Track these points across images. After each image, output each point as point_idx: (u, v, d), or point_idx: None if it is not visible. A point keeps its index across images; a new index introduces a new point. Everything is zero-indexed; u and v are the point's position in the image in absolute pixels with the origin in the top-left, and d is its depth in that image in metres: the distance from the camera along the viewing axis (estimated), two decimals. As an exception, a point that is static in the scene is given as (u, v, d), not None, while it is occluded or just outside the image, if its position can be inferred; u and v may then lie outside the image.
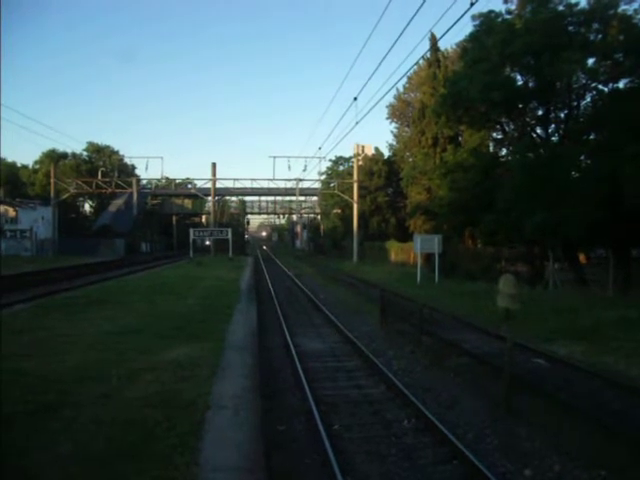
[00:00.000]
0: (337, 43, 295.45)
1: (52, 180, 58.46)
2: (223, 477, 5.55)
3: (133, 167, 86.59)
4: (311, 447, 7.62)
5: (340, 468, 6.58)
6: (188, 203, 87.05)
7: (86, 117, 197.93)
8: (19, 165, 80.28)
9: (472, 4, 12.50)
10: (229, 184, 61.12)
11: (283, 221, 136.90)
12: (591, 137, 27.39)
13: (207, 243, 60.75)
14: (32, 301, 19.27)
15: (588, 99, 27.62)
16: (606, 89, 26.60)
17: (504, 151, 35.85)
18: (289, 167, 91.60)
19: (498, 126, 32.77)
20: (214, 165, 57.30)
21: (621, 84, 25.72)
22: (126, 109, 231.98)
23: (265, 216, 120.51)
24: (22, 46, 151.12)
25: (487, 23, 27.61)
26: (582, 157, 27.40)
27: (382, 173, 61.36)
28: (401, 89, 57.76)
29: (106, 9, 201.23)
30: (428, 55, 42.20)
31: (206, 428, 6.78)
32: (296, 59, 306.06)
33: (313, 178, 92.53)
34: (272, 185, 60.21)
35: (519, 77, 28.10)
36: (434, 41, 35.37)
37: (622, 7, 25.07)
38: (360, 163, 60.65)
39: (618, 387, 10.14)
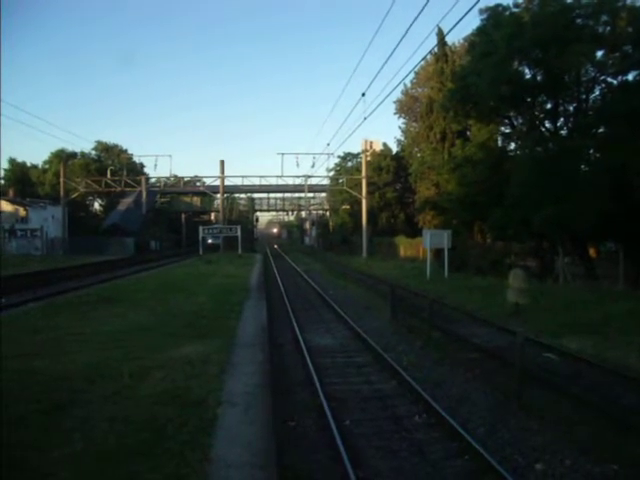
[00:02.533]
0: (344, 39, 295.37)
1: (62, 179, 58.72)
2: (235, 473, 5.57)
3: (142, 165, 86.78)
4: (322, 443, 7.64)
5: (351, 463, 6.60)
6: (197, 201, 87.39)
7: (95, 116, 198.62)
8: (29, 165, 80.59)
9: (479, -2, 12.41)
10: (238, 181, 61.23)
11: (292, 218, 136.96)
12: (600, 130, 27.20)
13: (209, 241, 60.38)
14: (43, 300, 19.40)
15: (597, 92, 27.42)
16: (615, 82, 26.40)
17: (512, 145, 35.70)
18: (297, 164, 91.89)
19: (506, 120, 32.58)
20: (222, 162, 57.38)
21: (630, 76, 25.51)
22: (134, 108, 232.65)
23: (274, 213, 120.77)
24: (30, 46, 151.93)
25: (494, 17, 27.47)
26: (591, 150, 27.23)
27: (390, 169, 61.25)
28: (409, 84, 57.68)
29: (113, 7, 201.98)
30: (435, 50, 42.05)
31: (217, 425, 6.81)
32: (304, 56, 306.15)
33: (321, 174, 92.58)
34: (281, 182, 60.16)
35: (527, 71, 27.93)
36: (441, 36, 35.25)
37: (631, -2, 24.90)
38: (368, 159, 60.57)
39: (629, 381, 10.10)
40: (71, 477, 5.27)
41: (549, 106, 28.97)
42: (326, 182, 71.06)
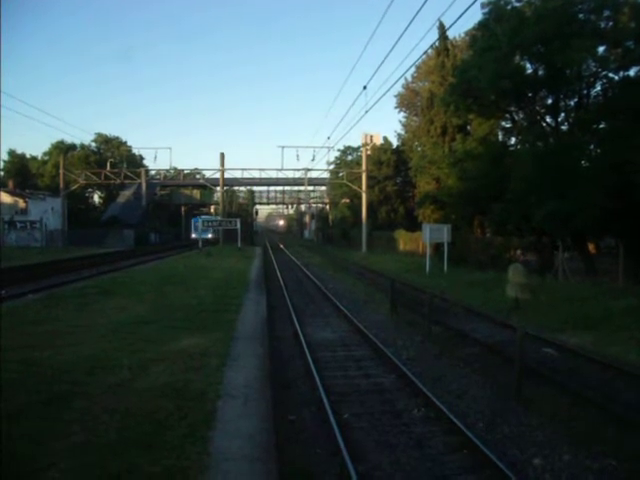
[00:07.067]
0: (346, 32, 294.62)
1: (61, 171, 58.60)
2: (234, 466, 5.59)
3: (141, 158, 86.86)
4: (322, 436, 7.66)
5: (351, 457, 6.61)
6: (197, 193, 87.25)
7: (94, 108, 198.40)
8: (28, 156, 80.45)
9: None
10: (237, 174, 61.04)
11: (291, 211, 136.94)
12: (601, 126, 27.15)
13: (193, 236, 59.91)
14: (43, 292, 19.39)
15: (598, 87, 27.29)
16: (616, 77, 26.32)
17: (513, 140, 35.64)
18: (297, 157, 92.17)
19: (507, 115, 32.47)
20: (222, 155, 57.20)
21: (632, 72, 25.42)
22: (134, 100, 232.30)
23: (274, 206, 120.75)
24: (30, 37, 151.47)
25: (496, 11, 27.35)
26: (592, 146, 27.18)
27: (391, 163, 61.17)
28: (409, 78, 57.59)
29: (115, 1, 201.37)
30: (437, 44, 41.90)
31: (217, 418, 6.83)
32: (305, 48, 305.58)
33: (322, 168, 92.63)
34: (280, 175, 60.04)
35: (529, 65, 27.82)
36: (443, 30, 35.14)
37: (633, -6, 24.78)
38: (368, 153, 60.45)
39: (629, 377, 10.11)
40: (72, 468, 5.29)
41: (550, 101, 28.87)
42: (326, 175, 71.06)
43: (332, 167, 73.71)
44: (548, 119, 29.57)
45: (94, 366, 8.77)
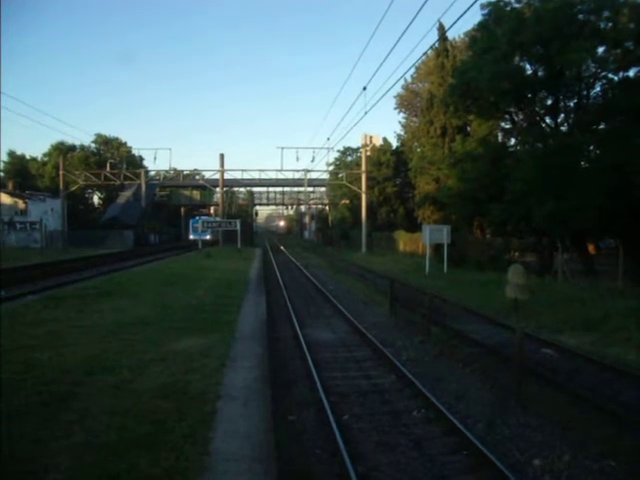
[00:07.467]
0: (346, 33, 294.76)
1: (61, 172, 58.58)
2: (234, 467, 5.58)
3: (141, 159, 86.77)
4: (321, 437, 7.66)
5: (350, 458, 6.61)
6: (196, 194, 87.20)
7: (94, 109, 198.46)
8: (28, 157, 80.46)
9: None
10: (237, 175, 60.98)
11: (291, 212, 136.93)
12: (600, 127, 27.20)
13: (190, 237, 60.09)
14: (43, 292, 19.39)
15: (598, 88, 27.40)
16: (616, 78, 26.39)
17: (513, 141, 35.73)
18: (297, 158, 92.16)
19: (507, 116, 32.57)
20: (222, 156, 57.22)
21: (631, 73, 25.52)
22: (134, 101, 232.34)
23: (274, 207, 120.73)
24: (30, 38, 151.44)
25: (496, 12, 27.42)
26: (591, 147, 27.22)
27: (390, 163, 61.19)
28: (409, 79, 57.66)
29: (114, 2, 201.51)
30: (436, 45, 41.93)
31: (217, 418, 6.82)
32: (304, 49, 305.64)
33: (321, 169, 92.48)
34: (280, 176, 60.01)
35: (528, 66, 27.89)
36: (442, 31, 35.18)
37: (633, -5, 24.83)
38: (368, 154, 60.44)
39: (628, 377, 10.12)
40: (71, 469, 5.29)
41: (550, 102, 28.94)
42: (326, 176, 71.04)
43: (332, 168, 73.75)
44: (548, 120, 29.65)
45: (94, 367, 8.77)
